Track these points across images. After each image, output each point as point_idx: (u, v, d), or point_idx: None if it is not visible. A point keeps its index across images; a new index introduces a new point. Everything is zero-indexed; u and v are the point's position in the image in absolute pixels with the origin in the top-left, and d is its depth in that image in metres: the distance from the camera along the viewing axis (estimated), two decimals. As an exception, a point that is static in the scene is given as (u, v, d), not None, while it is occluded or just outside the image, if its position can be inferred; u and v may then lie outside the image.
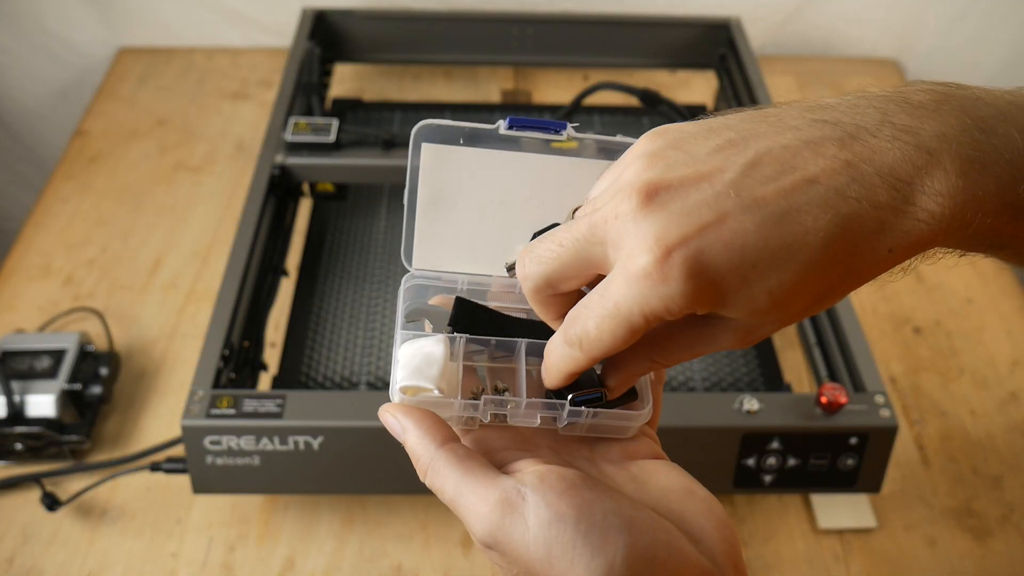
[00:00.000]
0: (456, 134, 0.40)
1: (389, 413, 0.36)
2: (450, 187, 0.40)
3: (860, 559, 0.78)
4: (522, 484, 0.32)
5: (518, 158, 0.40)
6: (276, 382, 0.84)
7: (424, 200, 0.40)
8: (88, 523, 0.79)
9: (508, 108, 1.19)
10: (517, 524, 0.31)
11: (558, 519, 0.31)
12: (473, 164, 0.40)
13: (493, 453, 0.36)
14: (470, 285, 0.41)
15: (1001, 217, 0.31)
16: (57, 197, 1.10)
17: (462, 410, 0.37)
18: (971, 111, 0.32)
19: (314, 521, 0.80)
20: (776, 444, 0.72)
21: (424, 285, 0.41)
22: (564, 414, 0.37)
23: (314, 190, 1.01)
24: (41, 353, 0.84)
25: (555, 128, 0.39)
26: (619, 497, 0.32)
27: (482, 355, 0.40)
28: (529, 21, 1.20)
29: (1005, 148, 0.31)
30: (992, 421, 0.90)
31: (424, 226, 0.41)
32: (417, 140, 0.40)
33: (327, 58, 1.19)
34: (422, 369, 0.37)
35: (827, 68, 1.37)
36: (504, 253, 0.40)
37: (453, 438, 0.35)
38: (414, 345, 0.38)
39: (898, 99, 0.32)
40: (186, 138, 1.19)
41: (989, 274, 1.05)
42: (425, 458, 0.34)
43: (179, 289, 1.00)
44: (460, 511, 0.33)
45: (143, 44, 1.35)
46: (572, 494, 0.31)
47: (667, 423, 0.71)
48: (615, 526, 0.31)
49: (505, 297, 0.41)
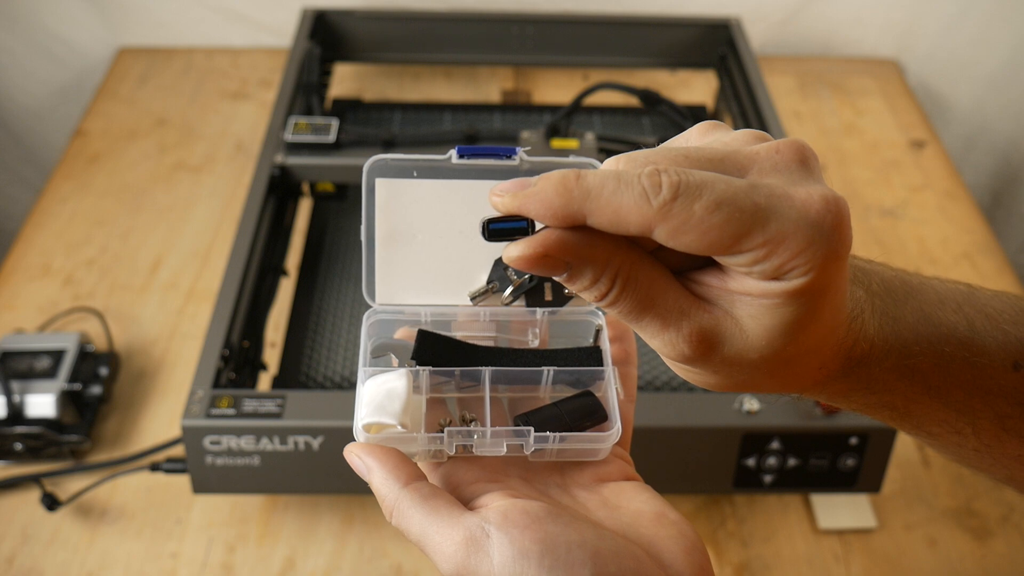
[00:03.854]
0: (409, 168, 0.39)
1: (354, 453, 0.36)
2: (408, 220, 0.40)
3: (860, 559, 0.78)
4: (486, 521, 0.32)
5: (473, 186, 0.40)
6: (276, 382, 0.84)
7: (383, 235, 0.40)
8: (88, 523, 0.79)
9: (508, 108, 1.19)
10: (482, 562, 0.31)
11: (522, 556, 0.31)
12: (429, 196, 0.40)
13: (463, 487, 0.36)
14: (434, 317, 0.41)
15: (893, 372, 0.34)
16: (57, 197, 1.10)
17: (427, 444, 0.37)
18: (881, 278, 0.35)
19: (314, 521, 0.80)
20: (776, 444, 0.72)
21: (388, 320, 0.41)
22: (531, 440, 0.37)
23: (314, 190, 1.01)
24: (41, 353, 0.83)
25: (506, 154, 0.39)
26: (584, 527, 0.32)
27: (449, 386, 0.40)
28: (529, 21, 1.20)
29: (910, 315, 0.35)
30: (992, 421, 0.90)
31: (384, 261, 0.40)
32: (371, 176, 0.39)
33: (327, 58, 1.19)
34: (384, 405, 0.36)
35: (827, 68, 1.37)
36: (467, 282, 0.40)
37: (418, 476, 0.35)
38: (376, 381, 0.38)
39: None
40: (186, 138, 1.19)
41: (989, 274, 1.05)
42: (390, 498, 0.34)
43: (179, 289, 1.00)
44: (427, 550, 0.33)
45: (143, 44, 1.35)
46: (535, 529, 0.31)
47: (667, 423, 0.71)
48: (579, 560, 0.31)
49: (470, 326, 0.41)
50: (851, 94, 1.32)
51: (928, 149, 1.23)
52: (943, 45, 1.34)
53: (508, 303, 0.39)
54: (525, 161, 0.39)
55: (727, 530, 0.80)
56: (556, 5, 1.30)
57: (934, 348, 0.35)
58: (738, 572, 0.77)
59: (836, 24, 1.36)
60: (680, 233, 0.28)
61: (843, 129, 1.26)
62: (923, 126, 1.27)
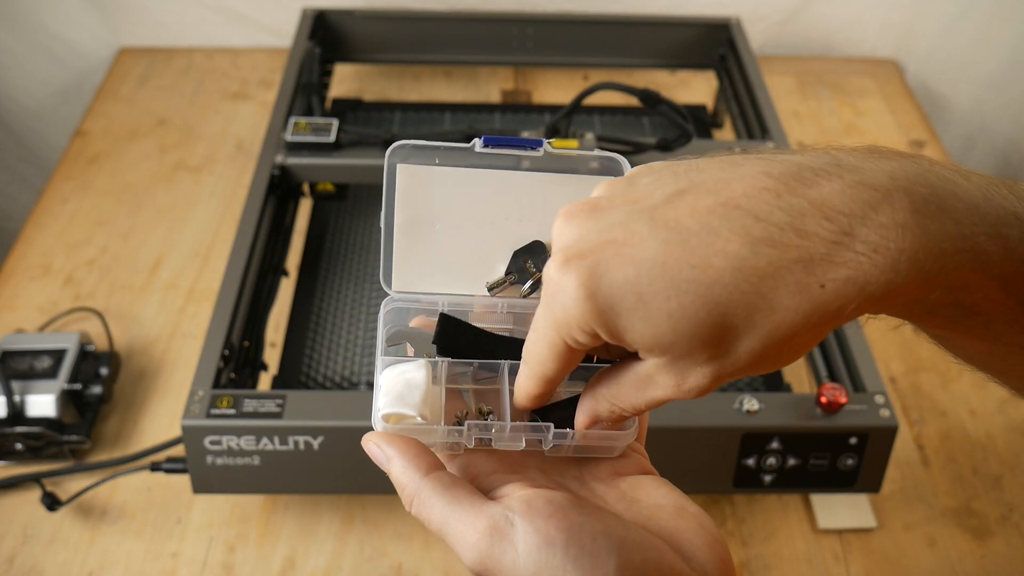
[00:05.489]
0: (431, 154, 0.39)
1: (373, 442, 0.35)
2: (427, 207, 0.40)
3: (860, 559, 0.78)
4: (510, 510, 0.32)
5: (495, 176, 0.39)
6: (276, 382, 0.84)
7: (401, 222, 0.40)
8: (88, 523, 0.79)
9: (508, 108, 1.19)
10: (507, 551, 0.31)
11: (547, 544, 0.30)
12: (449, 183, 0.40)
13: (481, 478, 0.36)
14: (451, 306, 0.41)
15: (962, 268, 0.29)
16: (57, 197, 1.10)
17: (446, 436, 0.36)
18: (930, 164, 0.30)
19: (314, 521, 0.80)
20: (776, 444, 0.72)
21: (405, 308, 0.41)
22: (549, 436, 0.36)
23: (314, 190, 1.01)
24: (41, 353, 0.84)
25: (531, 145, 0.38)
26: (608, 517, 0.32)
27: (466, 377, 0.40)
28: (529, 21, 1.20)
29: (964, 194, 0.29)
30: (992, 421, 0.90)
31: (402, 248, 0.40)
32: (392, 161, 0.39)
33: (327, 58, 1.19)
34: (404, 396, 0.36)
35: (827, 68, 1.37)
36: (485, 273, 0.40)
37: (438, 466, 0.34)
38: (395, 370, 0.37)
39: (860, 150, 0.31)
40: (186, 138, 1.20)
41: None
42: (411, 488, 0.34)
43: (179, 289, 1.00)
44: (448, 540, 0.33)
45: (143, 44, 1.35)
46: (560, 518, 0.31)
47: (667, 423, 0.71)
48: (604, 548, 0.30)
49: (487, 318, 0.41)
50: (851, 94, 1.32)
51: (928, 149, 1.23)
52: (943, 45, 1.34)
53: (526, 295, 0.39)
54: (550, 154, 0.39)
55: (727, 530, 0.80)
56: (556, 5, 1.30)
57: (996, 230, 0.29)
58: (738, 572, 0.77)
59: (836, 24, 1.36)
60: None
61: (843, 129, 1.26)
62: (923, 126, 1.27)
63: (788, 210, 0.28)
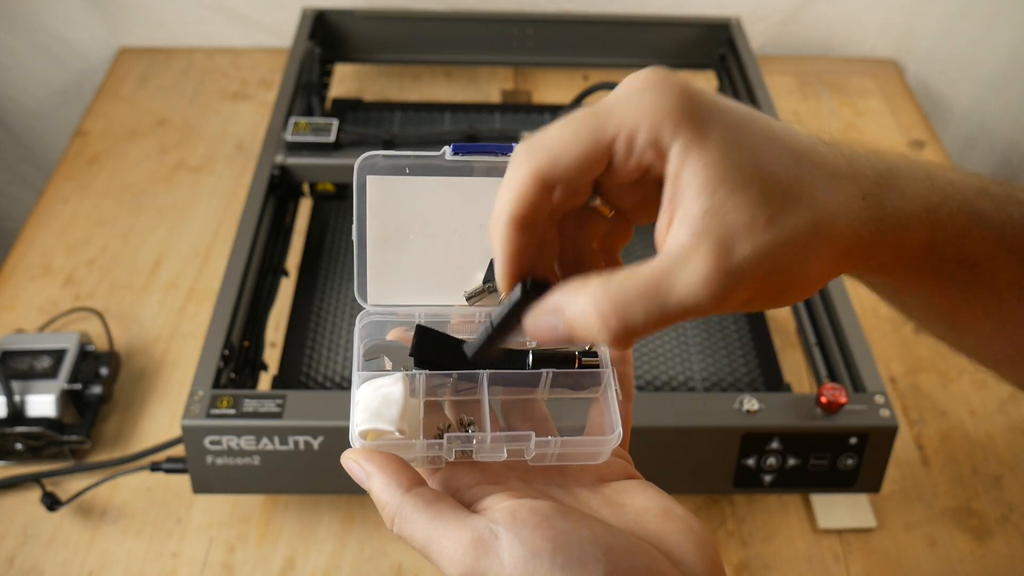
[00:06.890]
0: (401, 165, 0.38)
1: (352, 460, 0.35)
2: (400, 219, 0.39)
3: (860, 559, 0.78)
4: (494, 522, 0.31)
5: (468, 183, 0.39)
6: (276, 382, 0.84)
7: (374, 234, 0.39)
8: (88, 523, 0.79)
9: (508, 108, 1.19)
10: (492, 564, 0.30)
11: (533, 555, 0.30)
12: (422, 193, 0.39)
13: (462, 491, 0.35)
14: (429, 318, 0.40)
15: (958, 217, 0.33)
16: (57, 197, 1.10)
17: (425, 450, 0.36)
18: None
19: (314, 521, 0.80)
20: (776, 444, 0.72)
21: (381, 321, 0.40)
22: (531, 445, 0.36)
23: (314, 190, 1.01)
24: (41, 353, 0.84)
25: (501, 151, 0.38)
26: (595, 524, 0.32)
27: (445, 388, 0.39)
28: (529, 21, 1.20)
29: (949, 172, 0.34)
30: (992, 421, 0.90)
31: (376, 261, 0.39)
32: (361, 174, 0.38)
33: (327, 58, 1.19)
34: (381, 411, 0.36)
35: (827, 68, 1.37)
36: (462, 282, 0.39)
37: (419, 482, 0.34)
38: (372, 385, 0.37)
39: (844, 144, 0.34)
40: (186, 138, 1.20)
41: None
42: (391, 505, 0.33)
43: (179, 289, 1.00)
44: (432, 557, 0.32)
45: (143, 44, 1.35)
46: (545, 527, 0.31)
47: (667, 423, 0.71)
48: (592, 555, 0.30)
49: (466, 328, 0.40)
50: (851, 94, 1.32)
51: (928, 149, 1.23)
52: (943, 45, 1.34)
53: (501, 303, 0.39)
54: None
55: (727, 530, 0.80)
56: (556, 5, 1.30)
57: (984, 194, 0.34)
58: (738, 572, 0.77)
59: (836, 24, 1.36)
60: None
61: (843, 129, 1.26)
62: (923, 126, 1.27)
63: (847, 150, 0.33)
